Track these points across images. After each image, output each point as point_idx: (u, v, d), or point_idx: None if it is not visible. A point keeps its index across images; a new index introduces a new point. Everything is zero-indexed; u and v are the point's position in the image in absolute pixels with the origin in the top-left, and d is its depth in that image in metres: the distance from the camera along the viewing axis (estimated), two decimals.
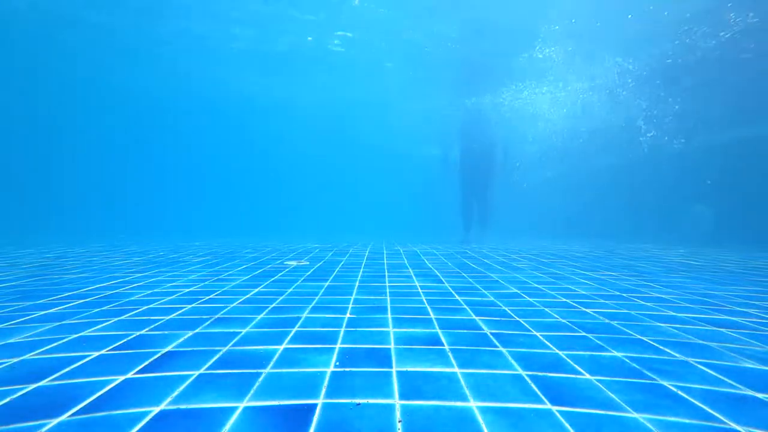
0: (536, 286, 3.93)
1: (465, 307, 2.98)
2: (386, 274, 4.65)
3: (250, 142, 28.70)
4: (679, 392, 1.56)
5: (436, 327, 2.44)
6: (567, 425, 1.31)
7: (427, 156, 30.95)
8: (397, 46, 13.74)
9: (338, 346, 2.08)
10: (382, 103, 20.09)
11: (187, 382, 1.62)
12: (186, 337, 2.22)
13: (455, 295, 3.43)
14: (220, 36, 13.19)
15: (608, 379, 1.69)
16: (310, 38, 13.08)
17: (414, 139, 27.13)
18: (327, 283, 3.96)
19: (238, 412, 1.38)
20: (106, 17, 11.88)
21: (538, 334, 2.32)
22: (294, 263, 5.65)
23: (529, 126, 19.78)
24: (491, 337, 2.25)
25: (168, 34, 12.96)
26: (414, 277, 4.38)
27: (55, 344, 2.08)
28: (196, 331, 2.33)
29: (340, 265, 5.42)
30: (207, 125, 24.67)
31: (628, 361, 1.90)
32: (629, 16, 10.18)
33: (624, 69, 12.86)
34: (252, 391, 1.54)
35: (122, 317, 2.62)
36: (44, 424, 1.29)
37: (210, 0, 11.16)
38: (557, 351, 2.03)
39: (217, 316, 2.66)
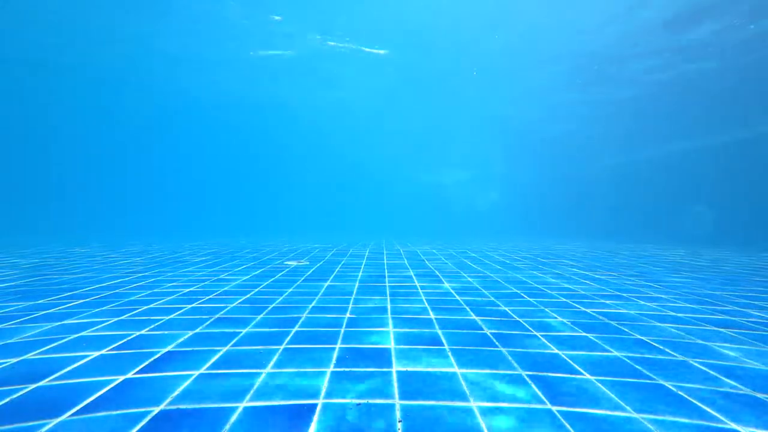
0: (536, 286, 3.93)
1: (465, 307, 2.98)
2: (386, 274, 4.65)
3: (251, 143, 28.73)
4: (679, 392, 1.56)
5: (436, 327, 2.44)
6: (567, 425, 1.31)
7: (428, 157, 30.95)
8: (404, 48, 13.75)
9: (338, 346, 2.08)
10: (382, 106, 20.11)
11: (187, 382, 1.62)
12: (186, 337, 2.22)
13: (455, 295, 3.43)
14: (223, 37, 13.20)
15: (608, 379, 1.69)
16: (318, 37, 13.08)
17: (414, 141, 27.14)
18: (327, 283, 3.96)
19: (238, 411, 1.38)
20: (108, 20, 11.90)
21: (538, 334, 2.32)
22: (294, 263, 5.65)
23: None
24: (491, 337, 2.25)
25: (169, 35, 12.98)
26: (414, 278, 4.38)
27: (55, 344, 2.08)
28: (196, 331, 2.33)
29: (340, 265, 5.42)
30: (208, 126, 24.69)
31: (628, 360, 1.90)
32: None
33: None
34: (252, 391, 1.54)
35: (122, 317, 2.62)
36: (44, 424, 1.29)
37: (214, 3, 11.16)
38: (557, 351, 2.03)
39: (217, 316, 2.66)
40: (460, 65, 14.90)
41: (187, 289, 3.60)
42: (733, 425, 1.31)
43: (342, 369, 1.76)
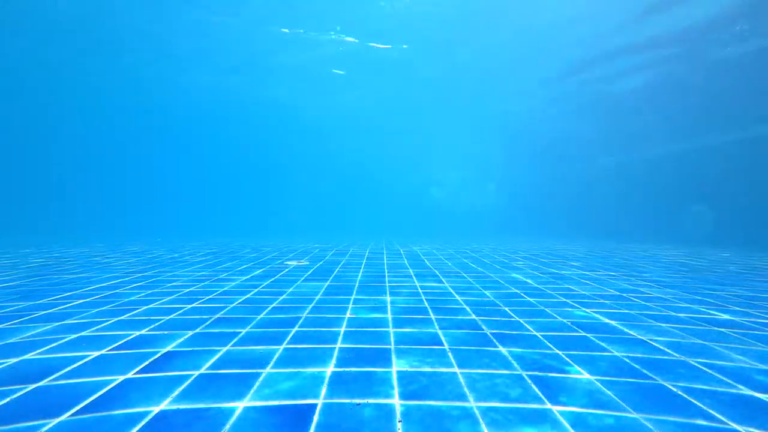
0: (536, 286, 3.93)
1: (465, 307, 2.98)
2: (386, 274, 4.65)
3: (250, 143, 28.74)
4: (679, 392, 1.56)
5: (436, 327, 2.44)
6: (567, 425, 1.31)
7: (428, 156, 30.94)
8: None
9: (338, 346, 2.08)
10: (382, 106, 20.11)
11: (187, 382, 1.62)
12: (186, 337, 2.22)
13: (455, 295, 3.43)
14: (223, 38, 13.20)
15: (608, 379, 1.69)
16: (314, 35, 13.08)
17: (414, 141, 27.13)
18: (327, 283, 3.96)
19: (238, 411, 1.38)
20: (109, 20, 11.90)
21: (538, 334, 2.32)
22: (294, 263, 5.64)
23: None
24: (491, 337, 2.25)
25: (170, 36, 12.97)
26: (414, 277, 4.37)
27: (55, 344, 2.08)
28: (196, 331, 2.33)
29: (340, 265, 5.42)
30: (209, 126, 24.70)
31: (628, 361, 1.90)
32: None
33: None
34: (252, 391, 1.54)
35: (122, 317, 2.62)
36: (44, 424, 1.29)
37: (214, 4, 11.16)
38: (557, 351, 2.02)
39: (217, 316, 2.66)
40: (459, 65, 14.89)
41: (187, 289, 3.60)
42: (733, 425, 1.31)
43: (342, 369, 1.76)
